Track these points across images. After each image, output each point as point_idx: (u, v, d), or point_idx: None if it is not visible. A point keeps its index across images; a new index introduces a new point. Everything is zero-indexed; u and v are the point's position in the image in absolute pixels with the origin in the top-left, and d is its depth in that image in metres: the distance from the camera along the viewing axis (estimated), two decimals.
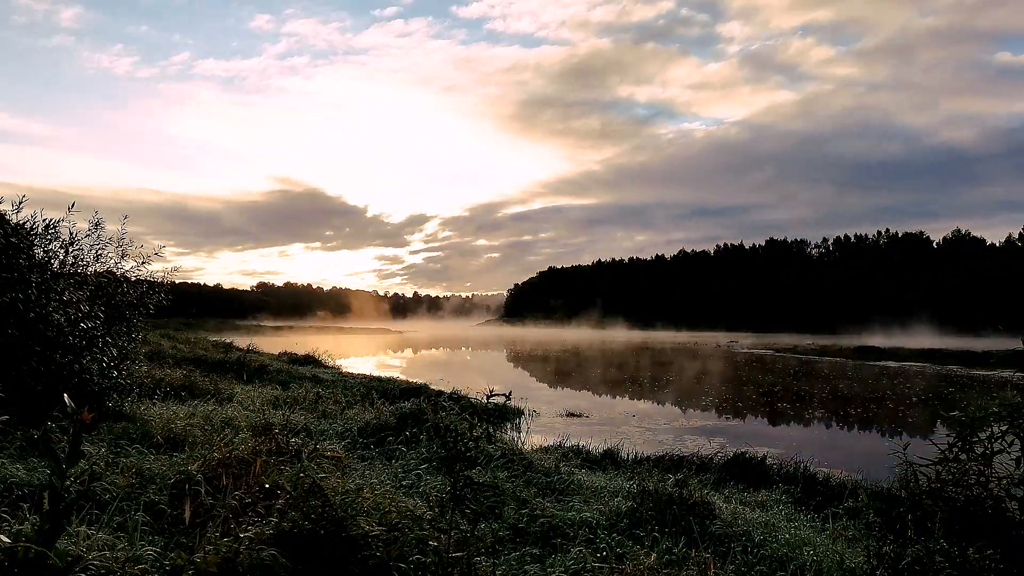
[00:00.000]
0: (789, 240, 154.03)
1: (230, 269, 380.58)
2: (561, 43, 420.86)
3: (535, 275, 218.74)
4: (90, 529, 3.24)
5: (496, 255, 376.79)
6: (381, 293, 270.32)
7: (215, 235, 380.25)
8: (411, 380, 18.51)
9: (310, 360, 22.32)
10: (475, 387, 18.84)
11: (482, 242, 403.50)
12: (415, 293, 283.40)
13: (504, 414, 13.57)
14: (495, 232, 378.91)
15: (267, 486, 3.89)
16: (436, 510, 4.00)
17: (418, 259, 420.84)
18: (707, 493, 5.81)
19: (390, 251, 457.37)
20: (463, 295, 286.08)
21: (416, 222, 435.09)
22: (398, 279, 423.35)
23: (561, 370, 31.98)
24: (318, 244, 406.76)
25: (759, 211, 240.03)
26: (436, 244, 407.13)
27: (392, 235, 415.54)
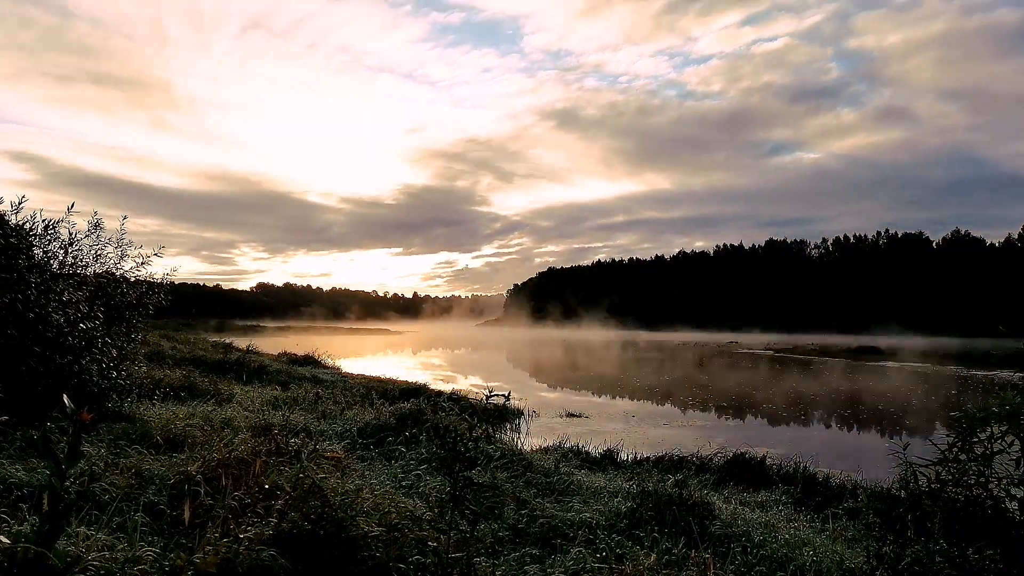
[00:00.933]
0: (789, 241, 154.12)
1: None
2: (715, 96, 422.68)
3: (535, 275, 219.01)
4: (90, 530, 3.24)
5: (552, 259, 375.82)
6: (381, 294, 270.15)
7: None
8: (410, 380, 18.51)
9: (309, 360, 22.31)
10: (474, 387, 18.84)
11: (549, 247, 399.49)
12: (415, 293, 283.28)
13: (503, 414, 13.57)
14: (567, 239, 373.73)
15: (267, 487, 3.89)
16: (436, 510, 4.00)
17: (477, 263, 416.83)
18: (707, 493, 5.82)
19: (453, 255, 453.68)
20: (463, 295, 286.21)
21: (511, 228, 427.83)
22: (438, 280, 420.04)
23: (560, 370, 31.98)
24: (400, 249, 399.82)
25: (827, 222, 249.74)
26: (507, 250, 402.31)
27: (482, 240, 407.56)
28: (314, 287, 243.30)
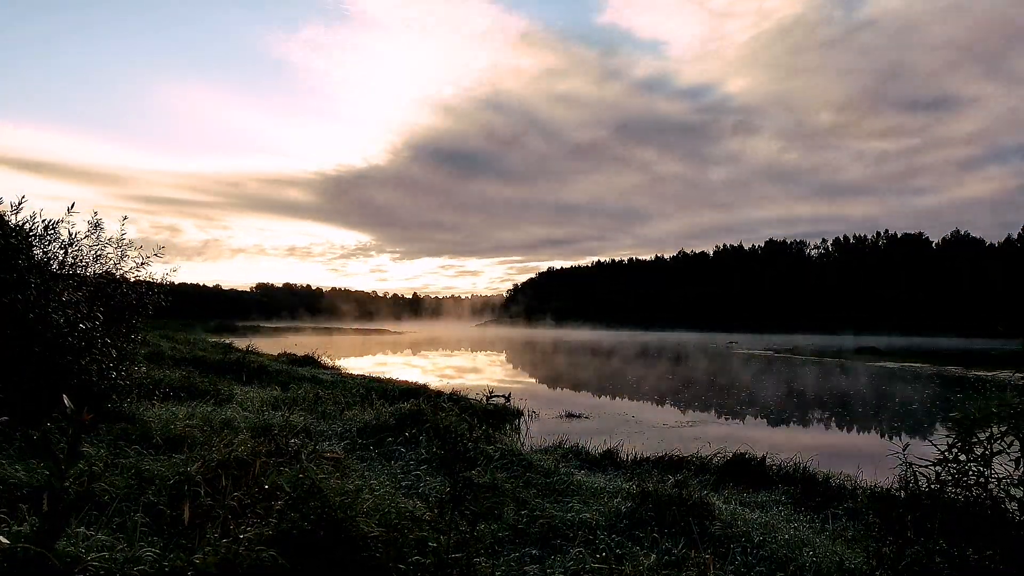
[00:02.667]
0: (788, 241, 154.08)
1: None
2: None
3: (535, 275, 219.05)
4: (89, 530, 3.24)
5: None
6: (380, 294, 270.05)
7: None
8: (410, 381, 18.50)
9: (309, 361, 22.32)
10: (474, 387, 18.83)
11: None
12: (414, 293, 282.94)
13: (503, 415, 13.57)
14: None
15: (266, 487, 3.89)
16: (435, 511, 4.00)
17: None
18: (706, 494, 5.81)
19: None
20: (462, 295, 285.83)
21: None
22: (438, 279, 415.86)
23: (560, 371, 31.98)
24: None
25: None
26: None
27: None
28: (313, 287, 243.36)
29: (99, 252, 7.52)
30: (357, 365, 28.39)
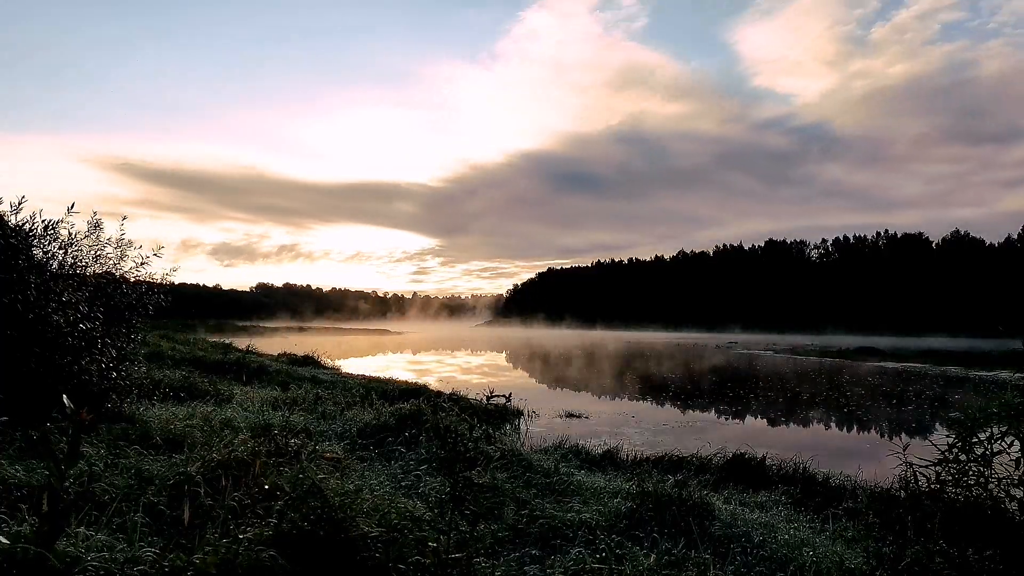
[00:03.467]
0: (788, 241, 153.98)
1: None
2: None
3: (535, 276, 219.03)
4: (89, 530, 3.23)
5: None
6: (381, 294, 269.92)
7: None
8: (410, 381, 18.50)
9: (309, 361, 22.32)
10: (474, 387, 18.82)
11: None
12: (414, 293, 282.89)
13: (504, 415, 13.56)
14: None
15: (266, 487, 3.89)
16: (435, 511, 4.00)
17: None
18: (706, 494, 5.81)
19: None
20: (462, 296, 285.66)
21: None
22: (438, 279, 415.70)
23: (560, 371, 31.97)
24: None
25: None
26: None
27: None
28: (313, 287, 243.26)
29: (99, 252, 7.52)
30: (357, 365, 28.39)
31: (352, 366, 26.45)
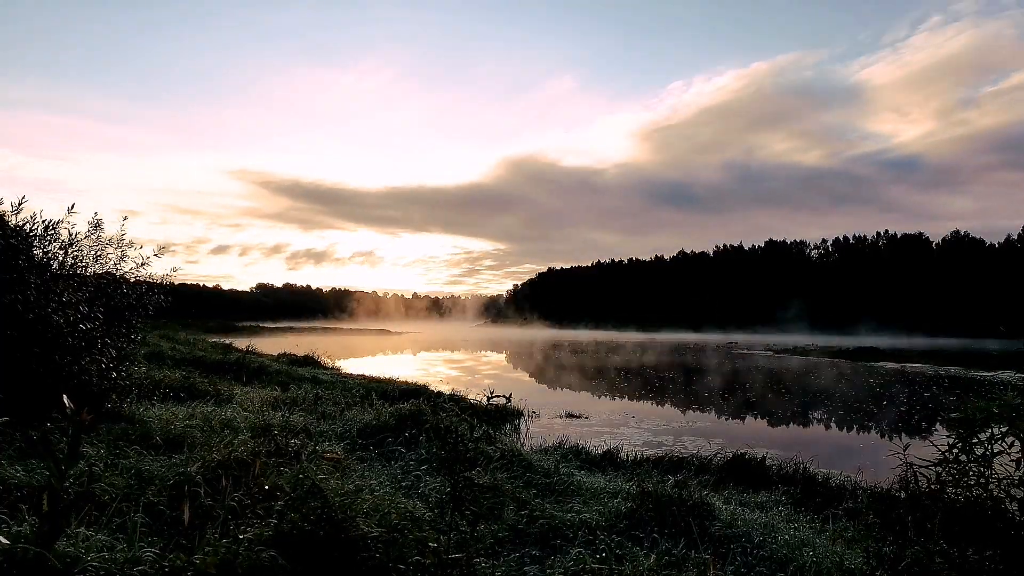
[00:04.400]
0: (788, 241, 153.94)
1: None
2: None
3: (535, 276, 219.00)
4: (89, 530, 3.24)
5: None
6: (381, 294, 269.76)
7: None
8: (410, 381, 18.50)
9: (309, 361, 22.33)
10: (474, 387, 18.82)
11: None
12: (415, 293, 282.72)
13: (504, 415, 13.55)
14: None
15: (266, 487, 3.89)
16: (435, 511, 4.00)
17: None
18: (706, 494, 5.81)
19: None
20: (462, 296, 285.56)
21: None
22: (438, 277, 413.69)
23: (560, 371, 31.97)
24: None
25: None
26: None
27: None
28: (313, 287, 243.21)
29: (99, 252, 7.52)
30: (357, 365, 28.38)
31: (352, 366, 26.45)
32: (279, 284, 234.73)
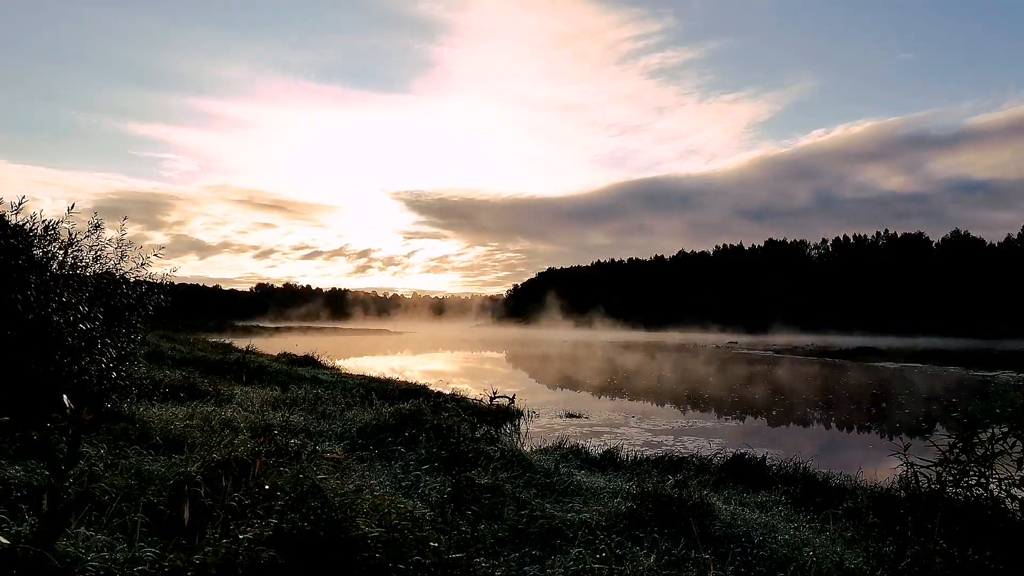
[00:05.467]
0: (788, 241, 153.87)
1: None
2: None
3: (535, 275, 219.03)
4: (89, 530, 3.23)
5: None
6: (380, 294, 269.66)
7: None
8: (410, 381, 18.50)
9: (309, 361, 22.32)
10: (475, 388, 18.82)
11: None
12: (414, 293, 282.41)
13: (504, 415, 13.55)
14: None
15: (266, 487, 3.88)
16: (436, 511, 4.00)
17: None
18: (706, 494, 5.81)
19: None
20: (462, 295, 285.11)
21: None
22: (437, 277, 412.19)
23: (560, 371, 31.97)
24: None
25: None
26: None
27: None
28: (313, 287, 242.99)
29: (99, 252, 7.52)
30: (357, 365, 28.38)
31: (352, 366, 26.45)
32: (279, 284, 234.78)
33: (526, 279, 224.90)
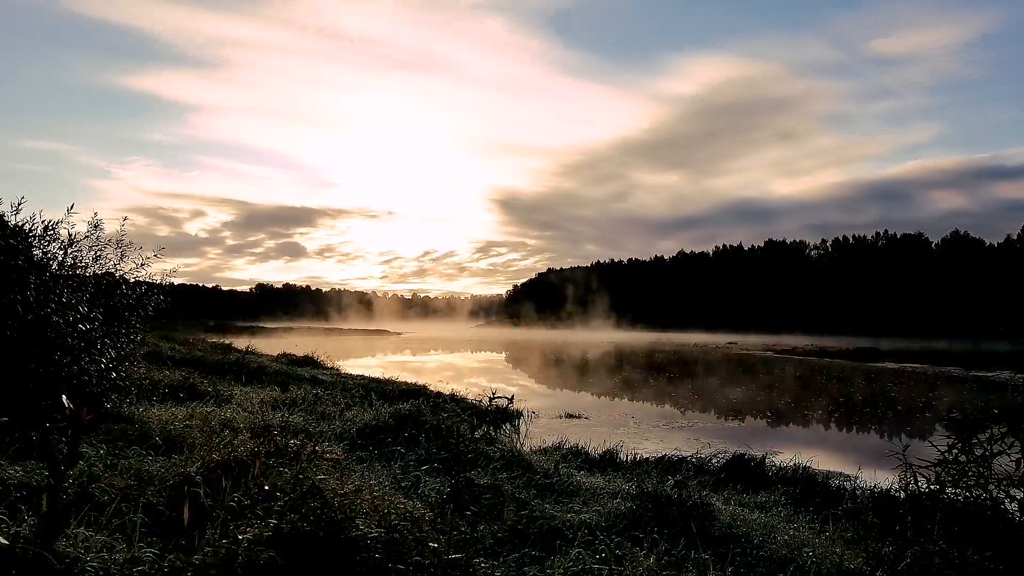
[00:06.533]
0: (788, 242, 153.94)
1: None
2: None
3: (534, 276, 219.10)
4: (89, 531, 3.23)
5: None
6: (381, 294, 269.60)
7: None
8: (410, 381, 18.50)
9: (309, 361, 22.31)
10: (474, 388, 18.82)
11: None
12: (414, 294, 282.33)
13: (504, 415, 13.56)
14: None
15: (266, 488, 3.88)
16: (435, 512, 4.00)
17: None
18: (706, 494, 5.81)
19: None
20: (462, 296, 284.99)
21: None
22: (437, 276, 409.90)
23: (560, 372, 31.98)
24: None
25: None
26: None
27: None
28: (312, 288, 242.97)
29: (99, 252, 7.52)
30: (356, 366, 28.38)
31: (352, 366, 26.44)
32: (279, 284, 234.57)
33: (526, 280, 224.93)
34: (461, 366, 35.16)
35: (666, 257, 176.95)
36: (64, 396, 2.43)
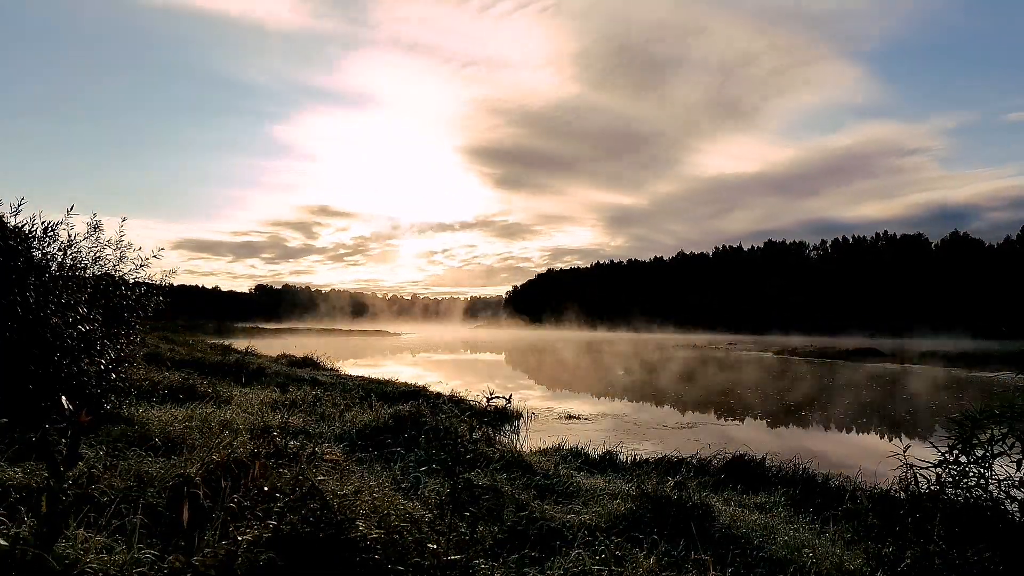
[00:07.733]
0: (788, 242, 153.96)
1: None
2: None
3: (534, 276, 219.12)
4: (88, 532, 3.23)
5: None
6: (379, 295, 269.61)
7: None
8: (409, 382, 18.49)
9: (308, 362, 22.31)
10: (474, 389, 18.81)
11: None
12: (413, 295, 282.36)
13: (503, 416, 13.56)
14: None
15: (265, 489, 3.88)
16: (435, 513, 3.99)
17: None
18: (706, 495, 5.81)
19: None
20: (461, 296, 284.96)
21: None
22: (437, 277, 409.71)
23: (560, 372, 31.97)
24: None
25: None
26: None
27: None
28: (312, 288, 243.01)
29: (98, 254, 7.51)
30: (356, 366, 28.37)
31: (351, 367, 26.43)
32: (278, 285, 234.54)
33: (526, 280, 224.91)
34: (460, 366, 35.15)
35: (666, 258, 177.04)
36: (63, 397, 2.43)
